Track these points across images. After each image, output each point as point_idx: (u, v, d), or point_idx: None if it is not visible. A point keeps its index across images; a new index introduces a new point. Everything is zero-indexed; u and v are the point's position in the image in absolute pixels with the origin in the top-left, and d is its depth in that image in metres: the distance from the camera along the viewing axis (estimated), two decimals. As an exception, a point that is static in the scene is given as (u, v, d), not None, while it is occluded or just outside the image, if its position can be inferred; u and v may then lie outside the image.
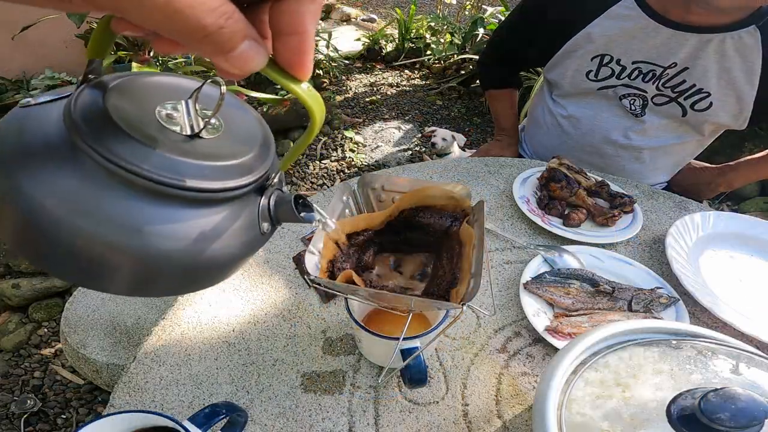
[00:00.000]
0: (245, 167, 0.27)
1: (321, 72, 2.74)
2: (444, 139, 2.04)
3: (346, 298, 0.48)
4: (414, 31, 3.15)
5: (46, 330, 1.37)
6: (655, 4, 0.83)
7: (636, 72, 0.89)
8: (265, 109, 2.28)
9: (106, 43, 0.26)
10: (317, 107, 0.25)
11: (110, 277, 0.26)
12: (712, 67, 0.83)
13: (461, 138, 2.10)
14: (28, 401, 1.18)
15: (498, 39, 1.12)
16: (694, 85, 0.85)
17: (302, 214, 0.31)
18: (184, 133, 0.26)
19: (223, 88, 0.26)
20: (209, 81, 0.28)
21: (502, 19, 2.77)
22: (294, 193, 0.32)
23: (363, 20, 3.76)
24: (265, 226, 0.30)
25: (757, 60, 0.80)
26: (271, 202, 0.30)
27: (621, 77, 0.90)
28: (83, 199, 0.23)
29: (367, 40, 3.16)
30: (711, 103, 0.86)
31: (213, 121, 0.27)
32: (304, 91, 0.25)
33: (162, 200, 0.25)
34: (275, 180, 0.30)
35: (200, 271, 0.28)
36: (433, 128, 2.13)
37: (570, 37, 0.91)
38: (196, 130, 0.26)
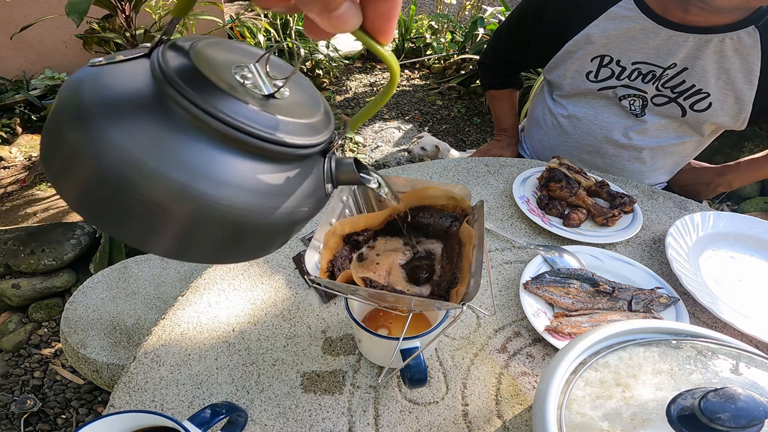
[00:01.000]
0: (317, 127, 0.29)
1: (321, 72, 2.74)
2: (423, 149, 1.94)
3: (346, 298, 0.48)
4: (414, 30, 3.15)
5: (46, 330, 1.37)
6: (654, 4, 0.83)
7: (636, 73, 0.89)
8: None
9: (190, 4, 0.27)
10: (396, 69, 0.27)
11: (191, 233, 0.26)
12: (712, 67, 0.83)
13: (446, 147, 1.97)
14: (28, 401, 1.18)
15: (498, 39, 1.12)
16: (694, 86, 0.85)
17: (362, 175, 0.33)
18: (261, 93, 0.27)
19: (303, 51, 0.27)
20: (275, 46, 0.29)
21: (503, 19, 2.77)
22: (352, 156, 0.33)
23: (363, 20, 3.75)
24: (329, 187, 0.32)
25: (756, 60, 0.80)
26: (333, 164, 0.32)
27: (621, 78, 0.90)
28: (172, 149, 0.24)
29: (367, 40, 3.16)
30: (710, 104, 0.86)
31: (281, 84, 0.28)
32: (387, 51, 0.26)
33: (248, 153, 0.26)
34: (337, 143, 0.32)
35: (272, 230, 0.29)
36: (423, 134, 2.05)
37: (569, 38, 0.91)
38: (272, 91, 0.28)
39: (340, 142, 0.32)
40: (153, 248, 0.27)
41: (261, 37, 2.44)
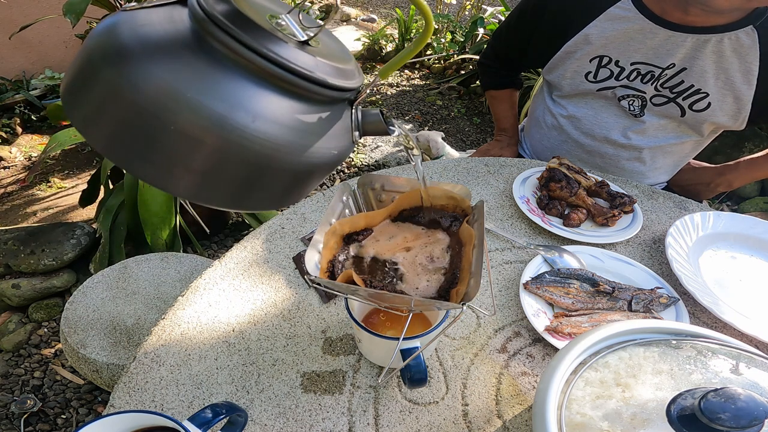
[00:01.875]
0: (349, 74, 0.30)
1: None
2: (416, 138, 1.94)
3: (346, 298, 0.48)
4: (414, 31, 3.15)
5: (46, 330, 1.37)
6: (652, 5, 0.83)
7: (635, 73, 0.89)
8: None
9: None
10: (431, 17, 0.28)
11: (222, 167, 0.26)
12: (710, 67, 0.83)
13: (440, 144, 1.93)
14: (28, 401, 1.18)
15: (497, 40, 1.12)
16: (693, 86, 0.85)
17: (389, 127, 0.34)
18: (297, 39, 0.28)
19: (338, 1, 0.29)
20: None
21: (503, 19, 2.77)
22: (378, 107, 0.35)
23: (363, 20, 3.76)
24: (356, 135, 0.33)
25: (755, 60, 0.80)
26: (359, 115, 0.33)
27: (620, 78, 0.90)
28: (210, 82, 0.25)
29: (367, 40, 3.16)
30: (709, 104, 0.86)
31: (315, 33, 0.29)
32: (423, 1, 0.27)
33: (284, 91, 0.27)
34: (365, 94, 0.34)
35: (300, 169, 0.29)
36: (422, 132, 2.07)
37: (568, 39, 0.91)
38: (307, 38, 0.29)
39: (367, 91, 0.33)
40: (180, 185, 0.27)
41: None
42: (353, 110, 0.33)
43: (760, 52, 0.79)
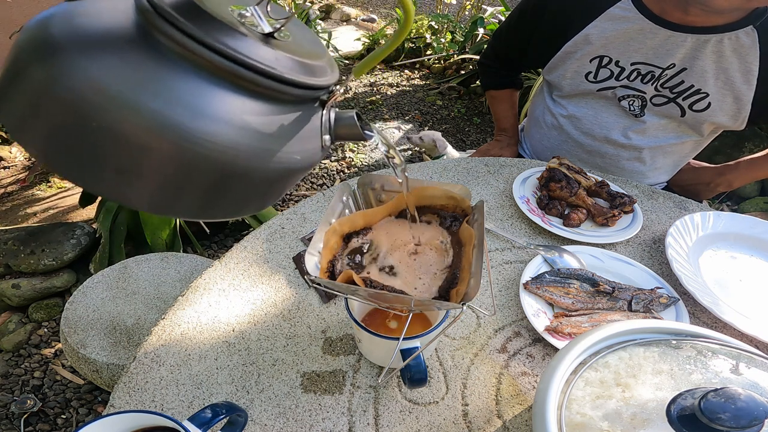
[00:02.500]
0: (317, 70, 0.27)
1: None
2: (421, 139, 2.01)
3: (346, 298, 0.48)
4: (414, 30, 3.15)
5: (46, 330, 1.37)
6: (652, 5, 0.83)
7: (635, 73, 0.89)
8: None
9: None
10: (411, 11, 0.26)
11: (172, 175, 0.24)
12: (710, 67, 0.83)
13: (443, 143, 2.01)
14: (28, 401, 1.18)
15: (497, 40, 1.12)
16: (693, 86, 0.85)
17: (365, 131, 0.31)
18: (260, 31, 0.26)
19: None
20: None
21: (503, 19, 2.77)
22: (353, 110, 0.31)
23: (363, 20, 3.76)
24: (326, 139, 0.30)
25: (755, 60, 0.80)
26: (332, 117, 0.30)
27: (620, 79, 0.90)
28: (152, 79, 0.22)
29: (367, 40, 3.16)
30: (709, 104, 0.86)
31: (283, 27, 0.27)
32: None
33: (238, 87, 0.24)
34: (338, 94, 0.31)
35: (261, 176, 0.26)
36: (426, 132, 2.10)
37: (568, 39, 0.91)
38: (272, 30, 0.26)
39: (341, 90, 0.30)
40: (132, 196, 0.25)
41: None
42: (324, 112, 0.30)
43: (760, 52, 0.79)
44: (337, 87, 0.30)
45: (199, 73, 0.23)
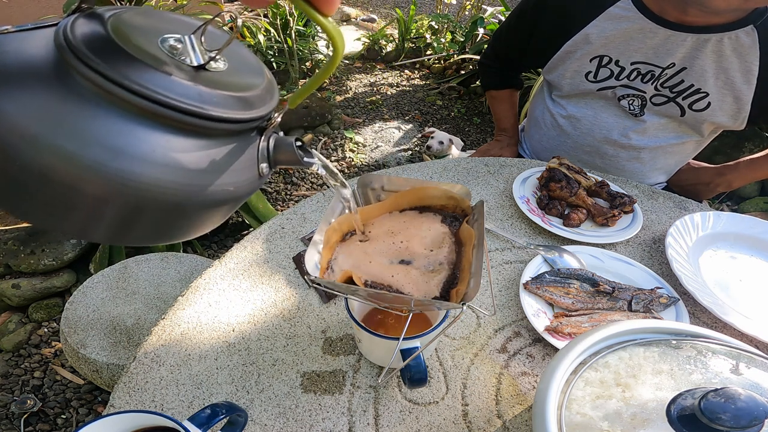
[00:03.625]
0: (250, 102, 0.27)
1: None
2: (441, 143, 2.02)
3: (346, 298, 0.48)
4: (414, 30, 3.15)
5: (46, 330, 1.37)
6: (652, 4, 0.83)
7: (635, 73, 0.89)
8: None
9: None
10: (340, 41, 0.25)
11: (93, 212, 0.24)
12: (710, 67, 0.83)
13: (459, 142, 2.07)
14: (28, 401, 1.18)
15: (497, 40, 1.12)
16: (692, 85, 0.85)
17: (304, 159, 0.30)
18: (189, 64, 0.25)
19: (239, 21, 0.26)
20: (216, 17, 0.27)
21: (503, 19, 2.77)
22: (294, 136, 0.31)
23: (363, 20, 3.76)
24: (264, 167, 0.29)
25: (755, 60, 0.80)
26: (271, 144, 0.30)
27: (620, 78, 0.90)
28: (71, 121, 0.22)
29: (367, 40, 3.16)
30: (709, 103, 0.86)
31: (218, 56, 0.26)
32: (329, 23, 0.24)
33: (161, 125, 0.24)
34: (276, 121, 0.30)
35: (191, 210, 0.26)
36: (432, 129, 2.13)
37: (568, 38, 0.91)
38: (203, 62, 0.26)
39: (278, 119, 0.30)
40: (63, 227, 0.25)
41: (261, 37, 2.44)
42: (262, 140, 0.29)
43: (761, 52, 0.79)
44: (276, 114, 0.30)
45: (119, 112, 0.23)
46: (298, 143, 0.31)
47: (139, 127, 0.23)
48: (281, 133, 0.31)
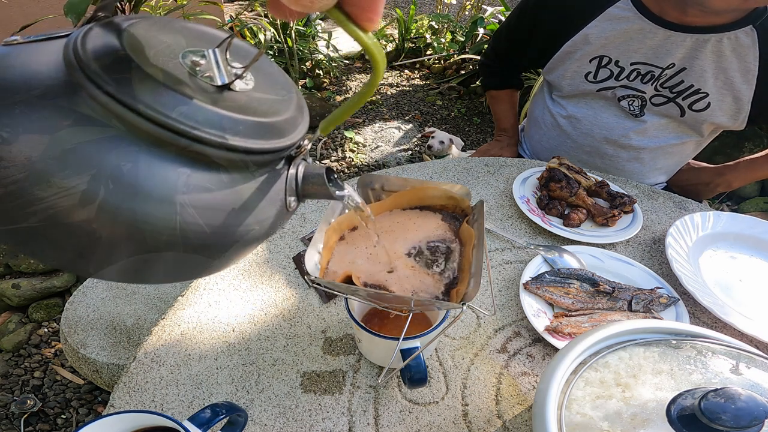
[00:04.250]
0: (279, 129, 0.23)
1: (321, 72, 2.74)
2: (441, 142, 2.03)
3: (346, 298, 0.48)
4: (414, 30, 3.15)
5: (46, 330, 1.37)
6: (651, 5, 0.83)
7: (634, 73, 0.89)
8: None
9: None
10: (381, 59, 0.22)
11: (100, 254, 0.21)
12: (710, 67, 0.83)
13: (459, 141, 2.08)
14: (28, 401, 1.18)
15: (497, 40, 1.12)
16: (692, 86, 0.85)
17: (336, 193, 0.27)
18: (212, 83, 0.22)
19: (269, 34, 0.24)
20: (236, 31, 0.25)
21: (503, 19, 2.77)
22: (324, 165, 0.27)
23: (363, 20, 3.75)
24: (292, 201, 0.26)
25: (754, 60, 0.80)
26: (300, 173, 0.26)
27: (620, 79, 0.90)
28: (79, 151, 0.19)
29: (367, 40, 3.16)
30: (709, 104, 0.86)
31: (245, 74, 0.23)
32: (370, 40, 0.22)
33: (180, 158, 0.20)
34: (306, 148, 0.26)
35: (212, 253, 0.23)
36: (433, 129, 2.13)
37: (568, 39, 0.91)
38: (227, 81, 0.23)
39: (309, 146, 0.26)
40: (72, 267, 0.22)
41: (261, 37, 2.44)
42: (290, 170, 0.25)
43: (760, 52, 0.79)
44: (305, 142, 0.26)
45: (133, 141, 0.20)
46: (329, 174, 0.27)
47: (155, 160, 0.20)
48: (309, 160, 0.28)
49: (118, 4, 1.63)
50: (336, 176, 0.29)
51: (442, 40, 3.02)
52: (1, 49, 0.21)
